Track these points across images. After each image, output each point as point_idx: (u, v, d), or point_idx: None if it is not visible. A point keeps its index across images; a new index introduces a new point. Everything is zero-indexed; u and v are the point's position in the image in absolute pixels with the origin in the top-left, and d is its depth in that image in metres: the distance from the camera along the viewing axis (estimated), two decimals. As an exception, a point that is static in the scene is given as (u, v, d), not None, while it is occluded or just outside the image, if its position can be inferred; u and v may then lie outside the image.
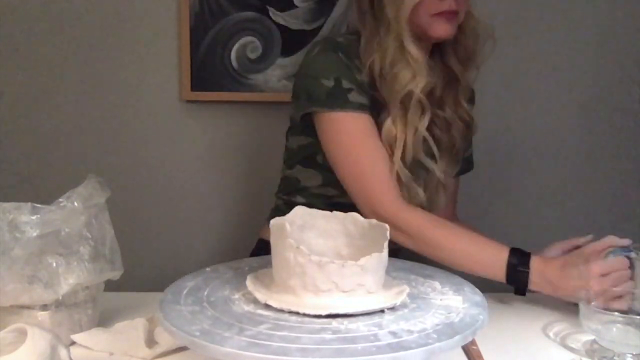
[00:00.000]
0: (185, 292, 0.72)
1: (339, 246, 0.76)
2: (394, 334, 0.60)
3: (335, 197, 1.09)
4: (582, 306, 0.81)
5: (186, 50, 1.61)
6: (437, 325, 0.63)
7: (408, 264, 0.84)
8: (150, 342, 0.81)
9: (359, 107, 1.01)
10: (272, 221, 0.70)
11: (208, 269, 0.81)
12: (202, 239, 1.72)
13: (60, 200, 0.80)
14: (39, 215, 0.77)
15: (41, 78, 1.68)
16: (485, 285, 0.77)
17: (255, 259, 0.84)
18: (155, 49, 1.66)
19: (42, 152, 1.71)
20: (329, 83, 1.01)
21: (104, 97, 1.69)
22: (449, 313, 0.66)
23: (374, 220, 0.73)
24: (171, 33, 1.65)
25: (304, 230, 0.75)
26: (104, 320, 0.89)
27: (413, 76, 1.00)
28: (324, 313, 0.64)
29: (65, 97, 1.69)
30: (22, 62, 1.68)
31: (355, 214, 0.75)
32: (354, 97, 1.01)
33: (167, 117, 1.69)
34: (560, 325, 0.91)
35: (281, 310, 0.65)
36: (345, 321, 0.63)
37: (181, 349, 0.80)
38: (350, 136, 1.02)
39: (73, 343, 0.82)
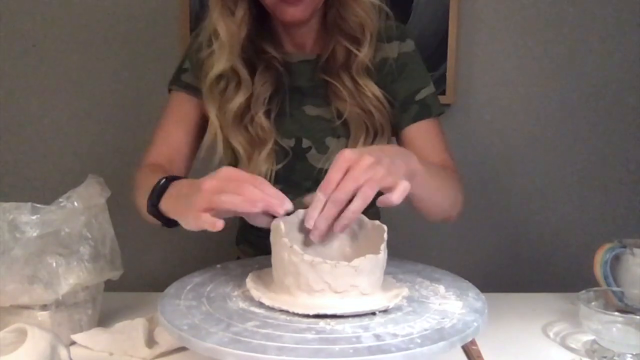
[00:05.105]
0: (189, 287, 0.73)
1: (344, 247, 0.76)
2: (377, 336, 0.60)
3: None
4: (582, 306, 0.81)
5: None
6: (426, 330, 0.61)
7: (419, 266, 0.83)
8: (150, 342, 0.81)
9: (185, 87, 1.05)
10: (273, 222, 0.70)
11: (219, 265, 0.81)
12: (202, 239, 1.72)
13: (60, 200, 0.80)
14: (39, 215, 0.77)
15: (41, 78, 1.68)
16: (485, 285, 0.77)
17: (267, 257, 0.84)
18: (156, 49, 1.66)
19: (42, 152, 1.71)
20: (180, 63, 1.08)
21: (104, 97, 1.69)
22: (443, 318, 0.65)
23: (377, 222, 0.73)
24: (171, 33, 1.65)
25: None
26: (104, 320, 0.89)
27: (215, 60, 0.96)
28: (312, 313, 0.63)
29: (66, 97, 1.69)
30: (22, 63, 1.68)
31: (360, 215, 0.75)
32: (186, 77, 1.05)
33: (167, 117, 1.68)
34: (560, 325, 0.91)
35: (273, 309, 0.65)
36: (333, 322, 0.63)
37: (181, 349, 0.80)
38: (166, 110, 1.07)
39: (73, 343, 0.82)
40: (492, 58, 1.70)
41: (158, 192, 0.80)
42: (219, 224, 0.67)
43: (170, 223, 0.80)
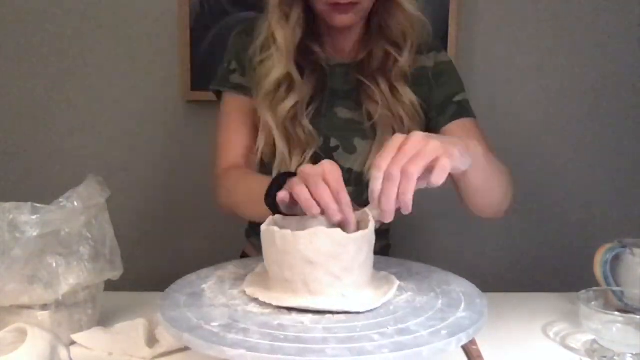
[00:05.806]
0: (189, 287, 0.74)
1: None
2: (377, 335, 0.60)
3: None
4: (582, 306, 0.81)
5: (186, 50, 1.61)
6: (425, 329, 0.61)
7: (420, 266, 0.83)
8: (151, 342, 0.81)
9: (235, 88, 1.07)
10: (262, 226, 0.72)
11: (219, 265, 0.82)
12: (203, 239, 1.72)
13: (60, 200, 0.80)
14: (39, 215, 0.77)
15: (41, 78, 1.68)
16: (485, 285, 0.77)
17: None
18: (156, 49, 1.66)
19: (43, 152, 1.71)
20: (226, 64, 1.09)
21: (104, 96, 1.69)
22: (443, 318, 0.64)
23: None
24: (171, 33, 1.65)
25: None
26: (104, 320, 0.89)
27: (273, 64, 1.00)
28: (314, 308, 0.64)
29: (66, 97, 1.69)
30: (23, 63, 1.68)
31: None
32: (235, 78, 1.08)
33: (167, 117, 1.69)
34: (560, 325, 0.91)
35: (272, 308, 0.67)
36: (331, 318, 0.64)
37: (182, 348, 0.80)
38: (223, 116, 1.09)
39: (73, 343, 0.82)
40: (492, 57, 1.70)
41: (277, 186, 0.80)
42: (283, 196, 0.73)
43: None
